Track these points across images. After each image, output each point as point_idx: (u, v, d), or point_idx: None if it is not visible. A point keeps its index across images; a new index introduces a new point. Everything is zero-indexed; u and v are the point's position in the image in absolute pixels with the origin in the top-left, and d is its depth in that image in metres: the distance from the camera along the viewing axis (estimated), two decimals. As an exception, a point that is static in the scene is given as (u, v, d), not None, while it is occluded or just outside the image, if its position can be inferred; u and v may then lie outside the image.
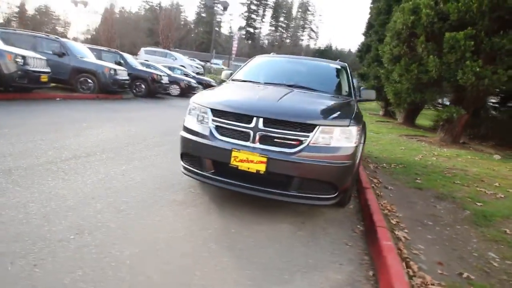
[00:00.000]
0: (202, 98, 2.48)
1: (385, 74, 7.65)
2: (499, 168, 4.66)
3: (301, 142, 2.07)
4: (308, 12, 63.00)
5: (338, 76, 3.43)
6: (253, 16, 60.19)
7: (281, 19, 62.71)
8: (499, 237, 2.26)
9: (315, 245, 2.00)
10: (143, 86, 8.75)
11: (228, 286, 1.49)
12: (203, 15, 50.46)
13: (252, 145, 2.09)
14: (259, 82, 3.11)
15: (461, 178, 3.91)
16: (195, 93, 13.43)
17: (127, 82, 8.15)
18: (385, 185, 3.44)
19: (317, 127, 2.08)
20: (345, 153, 2.12)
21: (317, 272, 1.69)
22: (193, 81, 11.53)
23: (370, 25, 13.02)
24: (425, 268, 1.77)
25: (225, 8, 25.14)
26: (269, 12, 62.33)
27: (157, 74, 8.95)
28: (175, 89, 10.69)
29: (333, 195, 2.14)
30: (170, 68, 11.95)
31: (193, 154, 2.34)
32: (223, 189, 2.57)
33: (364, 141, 3.39)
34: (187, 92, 11.22)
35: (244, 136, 2.13)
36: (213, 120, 2.26)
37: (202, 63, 22.64)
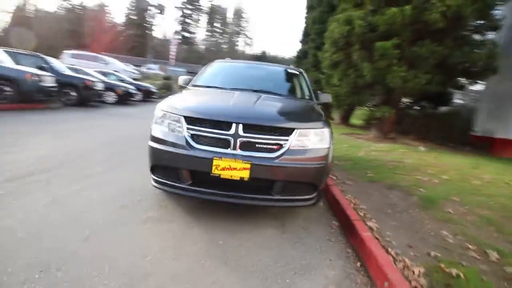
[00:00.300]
0: (172, 105, 2.32)
1: (326, 78, 8.30)
2: (427, 158, 5.46)
3: (281, 146, 2.11)
4: (242, 19, 64.53)
5: (297, 80, 3.59)
6: (188, 20, 59.09)
7: (217, 24, 62.90)
8: (446, 217, 2.64)
9: (302, 245, 2.04)
10: (73, 94, 7.77)
11: (233, 301, 1.42)
12: (133, 17, 47.49)
13: (233, 152, 2.04)
14: (224, 88, 3.06)
15: (401, 168, 4.46)
16: (134, 100, 12.50)
17: (54, 89, 7.14)
18: (343, 180, 3.71)
19: (295, 130, 2.14)
20: (321, 154, 2.23)
21: (313, 271, 1.74)
22: (131, 87, 10.71)
23: (306, 34, 13.98)
24: (399, 252, 1.97)
25: (161, 11, 24.12)
26: (204, 17, 61.98)
27: (90, 80, 8.06)
28: (110, 96, 9.77)
29: (313, 195, 2.22)
30: (103, 74, 10.89)
31: (167, 165, 2.17)
32: (199, 199, 2.47)
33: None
34: (125, 99, 10.37)
35: (224, 143, 2.07)
36: (188, 129, 2.13)
37: (136, 68, 21.22)
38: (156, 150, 2.20)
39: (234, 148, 2.05)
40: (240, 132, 2.06)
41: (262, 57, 71.06)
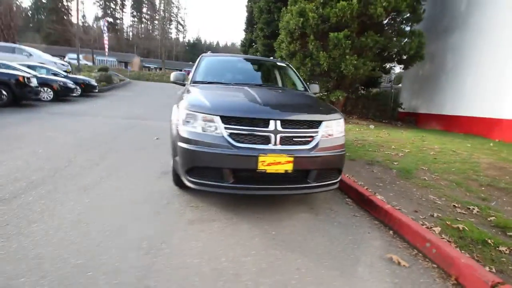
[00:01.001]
0: (200, 105, 2.28)
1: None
2: (382, 135, 6.32)
3: (313, 138, 2.30)
4: (172, 5, 60.86)
5: (288, 73, 3.78)
6: (112, 5, 53.07)
7: (145, 10, 58.06)
8: (425, 184, 3.23)
9: (339, 224, 2.32)
10: (4, 93, 6.50)
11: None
12: (44, 0, 40.41)
13: (275, 147, 2.16)
14: (228, 84, 3.07)
15: (370, 146, 5.11)
16: (74, 96, 11.12)
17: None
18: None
19: (323, 122, 2.35)
20: (342, 142, 2.50)
21: (363, 243, 2.02)
22: (69, 81, 9.38)
23: (250, 22, 14.10)
24: (414, 218, 2.40)
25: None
26: (128, 2, 56.50)
27: (24, 76, 6.83)
28: (46, 93, 8.45)
29: (338, 179, 2.50)
30: (29, 67, 9.28)
31: (208, 166, 2.17)
32: (231, 196, 2.54)
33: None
34: (62, 95, 9.09)
35: (265, 140, 2.17)
36: (225, 128, 2.16)
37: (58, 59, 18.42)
38: (192, 152, 2.16)
39: (275, 144, 2.17)
40: (279, 128, 2.18)
41: (196, 45, 68.63)
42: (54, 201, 2.32)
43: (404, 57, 7.47)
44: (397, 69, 11.49)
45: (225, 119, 2.17)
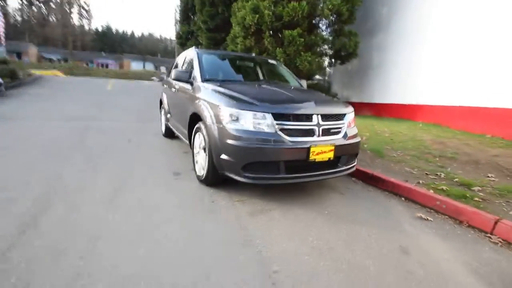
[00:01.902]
0: (250, 104, 2.41)
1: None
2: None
3: (341, 129, 2.70)
4: (70, -16, 52.59)
5: (282, 69, 4.07)
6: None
7: (36, -11, 48.51)
8: (397, 160, 4.01)
9: (365, 199, 2.80)
10: None
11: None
12: None
13: (319, 139, 2.47)
14: (241, 81, 3.22)
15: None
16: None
17: None
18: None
19: (346, 114, 2.77)
20: (356, 131, 2.97)
21: (392, 209, 2.54)
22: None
23: (186, 14, 13.62)
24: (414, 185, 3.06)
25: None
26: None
27: None
28: None
29: (355, 162, 2.96)
30: None
31: (265, 160, 2.33)
32: (267, 186, 2.76)
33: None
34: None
35: (312, 133, 2.46)
36: (277, 124, 2.36)
37: None
38: (249, 149, 2.30)
39: (319, 135, 2.48)
40: (320, 121, 2.50)
41: (106, 34, 61.22)
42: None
43: (343, 54, 8.57)
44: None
45: (276, 116, 2.37)
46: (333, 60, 9.16)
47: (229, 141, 2.36)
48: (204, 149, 2.76)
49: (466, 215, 2.32)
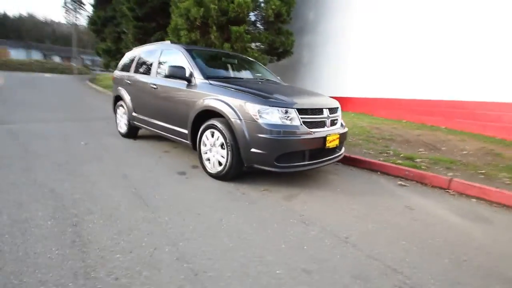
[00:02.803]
0: (276, 100, 2.68)
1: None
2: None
3: (339, 120, 3.23)
4: None
5: (261, 68, 4.35)
6: None
7: None
8: (353, 143, 4.87)
9: (355, 176, 3.43)
10: None
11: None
12: None
13: (329, 129, 2.94)
14: (239, 78, 3.41)
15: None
16: None
17: None
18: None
19: (338, 107, 3.31)
20: (343, 121, 3.56)
21: (378, 180, 3.24)
22: None
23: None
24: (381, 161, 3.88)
25: None
26: None
27: None
28: None
29: (344, 148, 3.56)
30: None
31: (295, 150, 2.65)
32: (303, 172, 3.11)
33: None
34: None
35: (324, 124, 2.90)
36: (301, 118, 2.70)
37: None
38: (281, 141, 2.58)
39: (328, 126, 2.94)
40: (329, 114, 2.96)
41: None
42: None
43: (280, 51, 9.31)
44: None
45: (300, 111, 2.71)
46: (270, 57, 9.83)
47: (261, 135, 2.58)
48: (222, 145, 2.87)
49: (428, 179, 3.20)
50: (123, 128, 4.90)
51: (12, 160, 3.28)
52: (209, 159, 3.08)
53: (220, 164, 2.95)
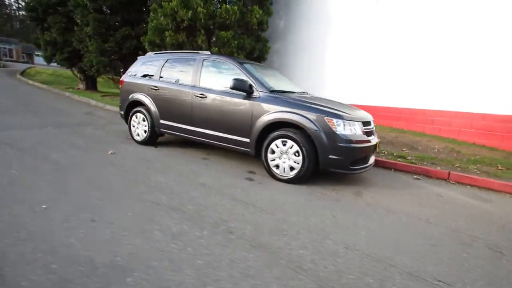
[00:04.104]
0: (345, 115, 3.25)
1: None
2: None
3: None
4: None
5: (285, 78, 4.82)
6: None
7: None
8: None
9: (378, 174, 4.23)
10: None
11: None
12: None
13: (374, 137, 3.64)
14: (291, 92, 3.88)
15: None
16: None
17: None
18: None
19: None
20: (365, 128, 4.33)
21: (402, 178, 4.12)
22: None
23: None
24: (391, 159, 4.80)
25: None
26: None
27: None
28: None
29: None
30: None
31: (364, 156, 3.28)
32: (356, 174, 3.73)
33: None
34: None
35: (372, 133, 3.59)
36: (364, 129, 3.34)
37: None
38: (356, 148, 3.19)
39: (373, 135, 3.65)
40: (372, 125, 3.67)
41: None
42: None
43: (255, 56, 9.78)
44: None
45: (363, 123, 3.34)
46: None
47: (340, 144, 3.13)
48: (296, 152, 3.30)
49: (432, 173, 4.23)
50: (141, 135, 4.75)
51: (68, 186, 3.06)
52: (277, 166, 3.46)
53: (291, 169, 3.37)
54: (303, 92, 4.34)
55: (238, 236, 2.15)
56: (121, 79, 5.16)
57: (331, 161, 3.21)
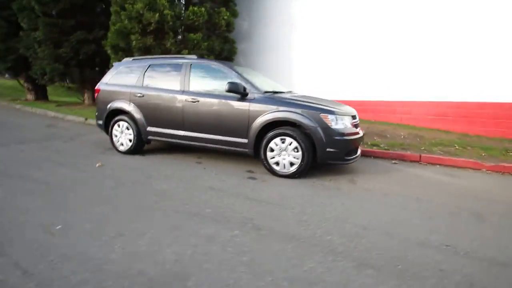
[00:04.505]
0: (339, 110, 3.52)
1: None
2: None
3: (354, 121, 4.34)
4: None
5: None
6: None
7: None
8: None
9: (364, 161, 4.64)
10: None
11: (407, 174, 4.03)
12: None
13: (360, 129, 3.98)
14: (283, 92, 4.04)
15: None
16: None
17: None
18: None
19: (352, 112, 4.43)
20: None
21: (383, 163, 4.56)
22: None
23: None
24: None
25: None
26: None
27: None
28: None
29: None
30: None
31: (355, 147, 3.59)
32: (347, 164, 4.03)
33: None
34: None
35: (358, 126, 3.93)
36: (353, 122, 3.65)
37: None
38: (349, 140, 3.49)
39: (358, 127, 4.00)
40: (358, 118, 4.01)
41: None
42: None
43: (222, 56, 9.81)
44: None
45: (352, 117, 3.65)
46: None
47: (336, 138, 3.40)
48: (295, 148, 3.50)
49: (407, 157, 4.75)
50: (125, 144, 4.57)
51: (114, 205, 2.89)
52: (277, 163, 3.63)
53: (291, 165, 3.56)
54: (290, 91, 4.56)
55: (269, 231, 2.27)
56: (96, 88, 4.88)
57: (328, 154, 3.46)
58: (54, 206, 2.61)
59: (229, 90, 3.62)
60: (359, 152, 3.91)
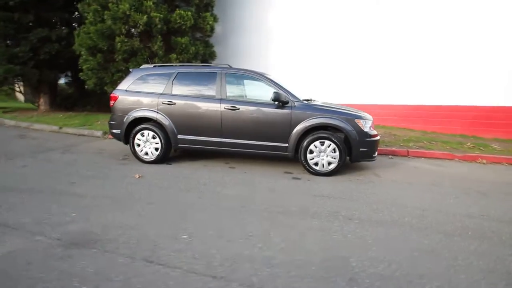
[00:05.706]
0: (365, 116, 4.17)
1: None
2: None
3: (362, 124, 5.08)
4: None
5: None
6: None
7: None
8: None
9: (379, 160, 5.43)
10: None
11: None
12: None
13: (373, 130, 4.72)
14: (308, 99, 4.55)
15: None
16: None
17: None
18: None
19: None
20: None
21: (383, 159, 5.42)
22: None
23: None
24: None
25: None
26: None
27: None
28: None
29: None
30: None
31: (377, 146, 4.29)
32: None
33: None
34: None
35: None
36: (370, 125, 4.34)
37: None
38: (376, 140, 4.16)
39: (372, 129, 4.74)
40: (371, 121, 4.75)
41: None
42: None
43: (201, 59, 9.80)
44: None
45: (372, 122, 4.35)
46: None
47: (367, 139, 4.04)
48: (334, 149, 4.03)
49: (397, 153, 5.72)
50: (151, 154, 4.48)
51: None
52: (316, 163, 4.11)
53: (329, 164, 4.08)
54: (312, 99, 5.09)
55: (359, 220, 2.73)
56: (113, 94, 4.62)
57: (361, 153, 4.09)
58: (153, 220, 2.61)
59: (274, 99, 3.96)
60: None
